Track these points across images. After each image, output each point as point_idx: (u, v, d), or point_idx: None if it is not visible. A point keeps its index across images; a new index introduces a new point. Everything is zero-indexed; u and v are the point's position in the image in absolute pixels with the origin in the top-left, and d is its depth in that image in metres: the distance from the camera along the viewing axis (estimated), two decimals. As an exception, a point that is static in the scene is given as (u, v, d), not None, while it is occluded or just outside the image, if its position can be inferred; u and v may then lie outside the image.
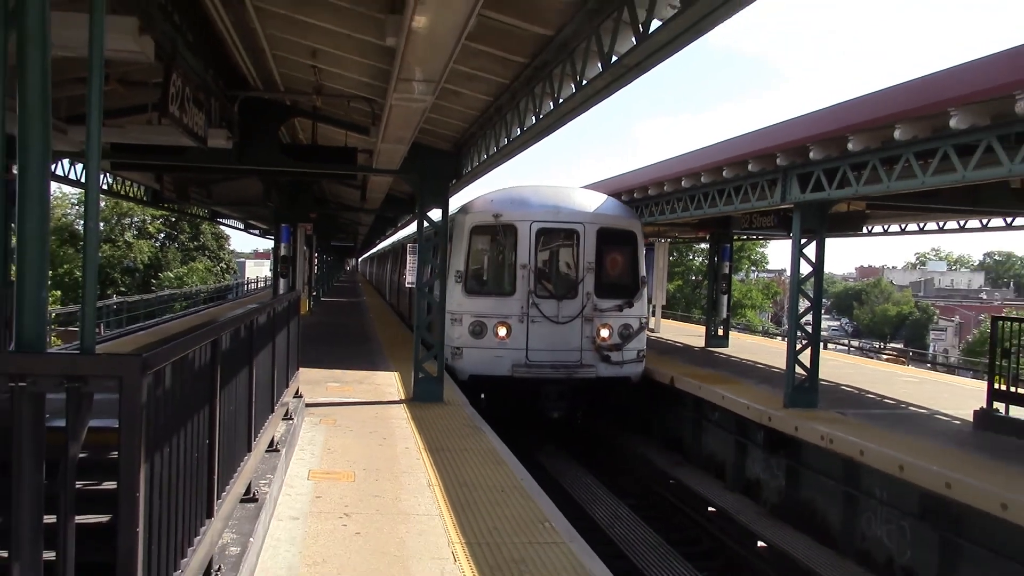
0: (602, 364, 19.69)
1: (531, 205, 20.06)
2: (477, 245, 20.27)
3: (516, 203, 20.15)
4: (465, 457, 11.52)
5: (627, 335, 20.01)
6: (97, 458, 5.57)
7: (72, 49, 6.56)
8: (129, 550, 3.70)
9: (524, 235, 19.69)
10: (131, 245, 68.11)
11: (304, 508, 8.92)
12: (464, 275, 19.73)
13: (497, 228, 19.88)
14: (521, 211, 19.87)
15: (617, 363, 19.80)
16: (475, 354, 19.37)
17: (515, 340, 19.40)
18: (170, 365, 4.30)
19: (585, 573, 7.40)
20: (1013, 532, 10.25)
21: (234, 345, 6.47)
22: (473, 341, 19.36)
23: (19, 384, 3.60)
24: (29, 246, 4.05)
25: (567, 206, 20.21)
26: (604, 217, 20.31)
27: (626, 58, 9.10)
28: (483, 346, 19.38)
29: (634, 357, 20.16)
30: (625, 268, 20.54)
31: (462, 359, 19.36)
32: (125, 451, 3.69)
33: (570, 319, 19.60)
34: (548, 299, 19.64)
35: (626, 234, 20.51)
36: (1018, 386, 14.67)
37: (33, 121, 4.12)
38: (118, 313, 34.34)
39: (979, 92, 11.06)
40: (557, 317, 19.55)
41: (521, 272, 19.59)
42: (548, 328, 19.50)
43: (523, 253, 19.66)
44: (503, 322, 19.40)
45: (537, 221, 19.79)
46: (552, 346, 19.49)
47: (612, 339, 19.89)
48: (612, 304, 19.95)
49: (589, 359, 19.67)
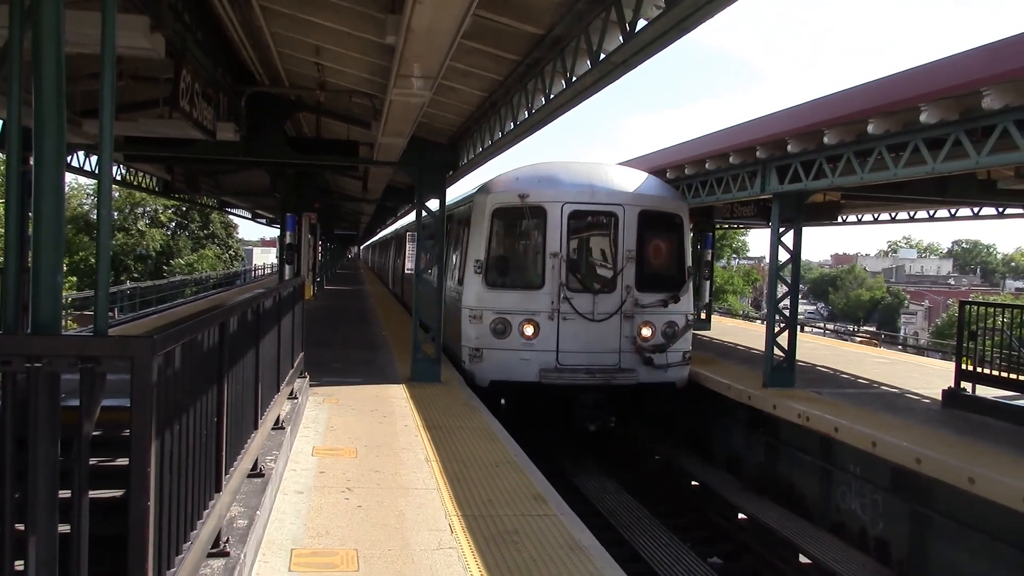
0: (644, 368, 16.61)
1: (562, 184, 16.90)
2: (500, 230, 17.15)
3: (545, 181, 16.96)
4: (461, 434, 11.52)
5: (672, 334, 16.92)
6: (110, 435, 5.57)
7: (86, 46, 6.53)
8: (140, 523, 3.69)
9: (555, 218, 16.59)
10: (144, 233, 67.84)
11: (308, 483, 8.92)
12: (485, 265, 16.75)
13: (523, 210, 16.59)
14: (551, 191, 16.72)
15: (661, 366, 16.69)
16: (497, 357, 16.39)
17: (544, 340, 16.37)
18: (180, 347, 4.29)
19: (575, 543, 7.41)
20: (979, 505, 10.28)
21: (241, 328, 6.46)
22: (495, 342, 16.40)
23: (35, 364, 3.60)
24: (45, 233, 4.04)
25: (603, 185, 17.00)
26: (646, 198, 17.14)
27: (614, 55, 9.11)
28: (507, 347, 16.39)
29: (679, 360, 16.98)
30: (670, 257, 17.55)
31: (482, 362, 16.45)
32: (136, 429, 3.68)
33: (607, 316, 16.54)
34: (582, 293, 16.57)
35: (671, 218, 17.40)
36: (984, 367, 14.73)
37: (48, 114, 4.10)
38: (131, 298, 34.27)
39: (948, 88, 11.06)
40: (592, 314, 16.48)
41: (551, 262, 16.51)
42: (582, 326, 16.47)
43: (553, 240, 16.55)
44: (530, 320, 16.37)
45: (570, 202, 16.67)
46: (587, 347, 16.50)
47: (655, 339, 16.84)
48: (655, 299, 16.84)
49: (629, 362, 16.63)
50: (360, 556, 6.87)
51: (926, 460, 11.20)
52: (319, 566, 6.63)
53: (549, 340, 16.41)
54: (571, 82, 10.53)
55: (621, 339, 16.61)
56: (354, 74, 12.72)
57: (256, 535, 6.59)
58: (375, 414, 12.64)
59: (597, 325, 16.50)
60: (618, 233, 16.78)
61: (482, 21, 9.84)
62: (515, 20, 10.13)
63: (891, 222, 25.26)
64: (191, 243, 73.95)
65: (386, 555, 6.92)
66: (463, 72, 12.26)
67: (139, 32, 7.78)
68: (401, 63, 9.21)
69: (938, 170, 12.07)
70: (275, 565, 6.58)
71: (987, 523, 10.31)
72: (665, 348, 16.75)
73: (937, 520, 11.23)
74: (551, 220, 16.59)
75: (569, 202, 16.67)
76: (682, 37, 8.24)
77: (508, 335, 16.40)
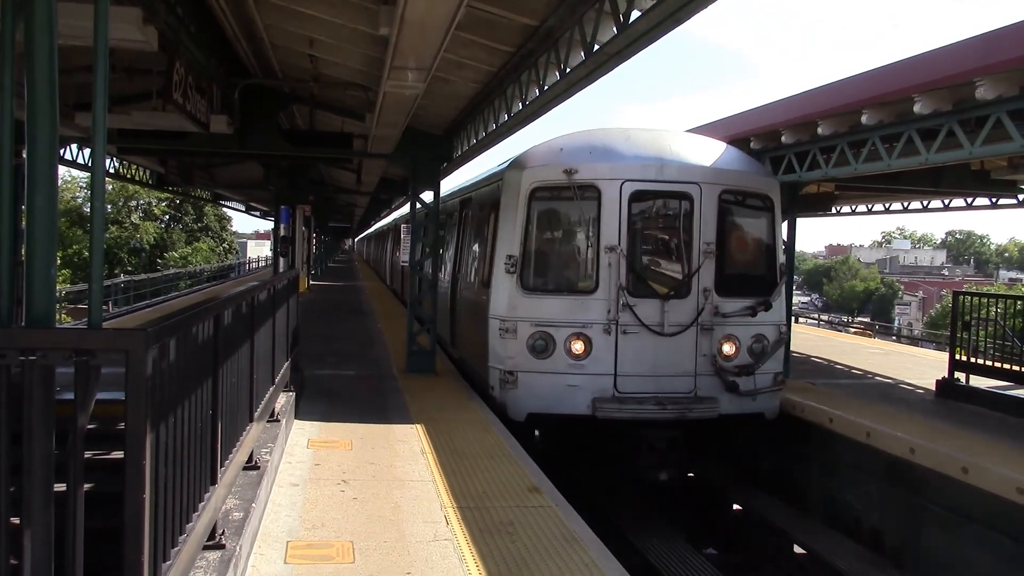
0: (726, 395, 13.02)
1: (622, 156, 13.20)
2: (539, 217, 13.42)
3: (599, 153, 13.28)
4: (456, 426, 11.52)
5: (761, 351, 13.38)
6: (105, 429, 5.56)
7: (78, 38, 6.50)
8: (136, 516, 3.69)
9: (612, 201, 12.91)
10: (137, 226, 67.82)
11: (304, 475, 8.92)
12: (520, 262, 13.07)
13: (570, 191, 12.89)
14: (607, 165, 13.04)
15: (747, 393, 13.17)
16: (537, 382, 12.77)
17: (598, 361, 12.78)
18: (174, 339, 4.28)
19: (570, 534, 7.42)
20: (973, 494, 10.32)
21: (236, 320, 6.45)
22: (534, 362, 12.80)
23: (30, 358, 3.59)
24: (38, 226, 4.03)
25: (675, 158, 13.25)
26: (728, 174, 13.50)
27: (607, 47, 9.11)
28: (549, 370, 12.77)
29: (770, 383, 13.44)
30: (758, 251, 14.08)
31: (516, 389, 12.77)
32: (131, 422, 3.68)
33: (680, 329, 12.89)
34: (647, 299, 12.92)
35: (760, 200, 13.83)
36: (978, 357, 14.77)
37: (41, 107, 4.09)
38: (125, 291, 34.22)
39: (942, 79, 11.08)
40: (661, 326, 12.83)
41: (607, 258, 12.85)
42: (647, 342, 12.83)
43: (610, 229, 12.90)
44: (579, 334, 12.77)
45: (632, 180, 12.96)
46: (654, 369, 12.87)
47: (739, 357, 13.27)
48: (740, 305, 13.23)
49: (707, 388, 13.03)
50: (356, 548, 6.87)
51: (920, 450, 11.23)
52: (315, 558, 6.64)
53: (605, 360, 12.81)
54: (565, 73, 10.53)
55: (697, 358, 13.04)
56: (348, 66, 12.69)
57: (252, 527, 6.59)
58: (370, 406, 12.65)
59: (667, 340, 12.89)
60: (693, 220, 13.11)
61: (476, 12, 9.82)
62: (509, 11, 10.12)
63: (885, 213, 25.28)
64: (185, 236, 73.93)
65: (382, 547, 6.92)
66: (457, 64, 12.24)
67: (132, 24, 7.76)
68: (395, 55, 9.19)
69: (932, 161, 12.11)
70: (271, 557, 6.59)
71: (980, 512, 10.35)
72: (753, 369, 13.25)
73: (931, 510, 11.26)
74: (607, 203, 12.94)
75: (631, 180, 12.98)
76: (676, 28, 8.24)
77: (551, 354, 12.81)
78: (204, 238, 75.60)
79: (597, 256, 12.95)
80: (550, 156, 13.41)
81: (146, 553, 3.75)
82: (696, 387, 13.00)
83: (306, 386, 13.15)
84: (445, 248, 19.24)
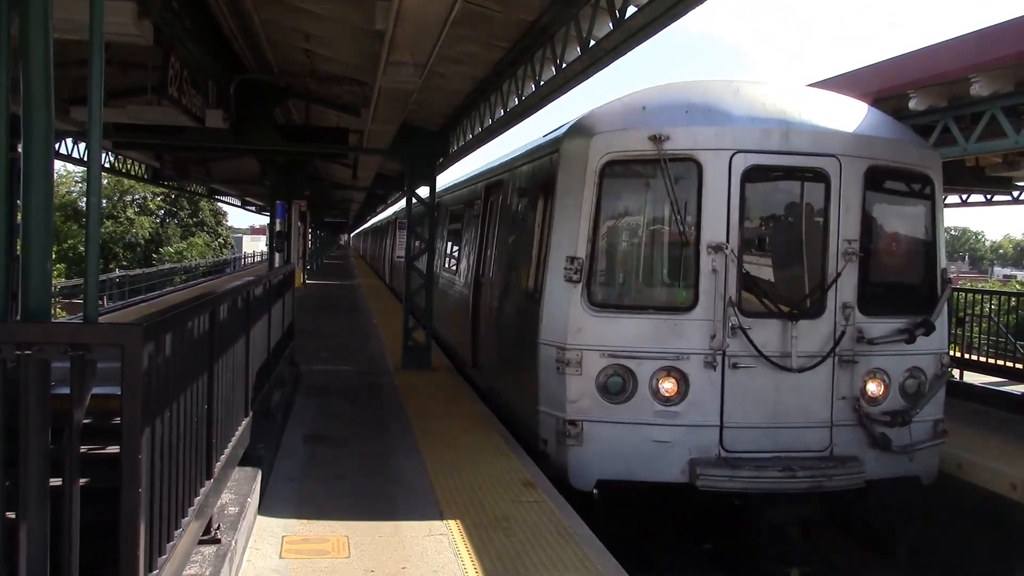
0: (872, 453, 9.37)
1: (732, 117, 9.46)
2: (615, 203, 9.76)
3: (700, 112, 9.57)
4: (451, 421, 11.53)
5: (916, 391, 9.73)
6: (100, 423, 5.55)
7: (73, 32, 6.49)
8: (131, 511, 3.70)
9: (718, 180, 9.25)
10: (133, 221, 67.69)
11: (299, 470, 8.93)
12: (587, 267, 9.43)
13: (659, 165, 9.22)
14: (713, 129, 9.35)
15: (901, 450, 9.47)
16: (611, 436, 9.14)
17: (697, 406, 9.15)
18: (170, 334, 4.29)
19: (565, 529, 7.43)
20: (969, 491, 10.32)
21: (231, 315, 6.45)
22: (606, 408, 9.17)
23: (25, 352, 3.59)
24: (34, 220, 4.02)
25: (804, 121, 9.48)
26: (877, 144, 9.72)
27: (603, 42, 9.09)
28: (628, 419, 9.16)
29: (928, 435, 9.77)
30: (914, 252, 10.45)
31: (581, 446, 9.18)
32: (127, 416, 3.68)
33: (813, 361, 9.22)
34: (767, 319, 9.26)
35: (918, 181, 10.12)
36: (972, 353, 14.80)
37: (37, 101, 4.08)
38: (120, 286, 34.21)
39: (937, 75, 11.10)
40: (787, 358, 9.17)
41: (711, 260, 9.19)
42: (767, 380, 9.19)
43: (715, 220, 9.26)
44: (671, 368, 9.15)
45: (746, 151, 9.28)
46: (774, 418, 9.22)
47: (889, 400, 9.57)
48: (892, 328, 9.55)
49: (848, 443, 9.35)
50: (351, 542, 6.88)
51: None
52: (310, 552, 6.65)
53: (707, 405, 9.12)
54: (561, 69, 10.52)
55: (834, 402, 9.33)
56: (344, 61, 12.67)
57: (247, 522, 6.60)
58: (366, 402, 12.69)
59: (793, 377, 9.14)
60: (830, 208, 9.42)
61: (472, 7, 9.79)
62: (505, 6, 10.11)
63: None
64: (180, 231, 73.84)
65: (377, 541, 6.93)
66: (453, 59, 12.22)
67: (127, 18, 7.74)
68: (391, 50, 9.18)
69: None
70: (266, 552, 6.60)
71: (977, 509, 10.37)
72: (910, 416, 9.48)
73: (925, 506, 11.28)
74: (711, 182, 9.22)
75: (745, 150, 9.25)
76: (673, 23, 8.24)
77: (631, 396, 9.14)
78: (199, 233, 75.52)
79: (696, 258, 9.19)
80: (629, 117, 9.64)
81: (141, 547, 3.76)
82: (832, 443, 9.27)
83: (302, 381, 13.15)
84: (461, 245, 16.99)
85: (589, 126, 9.87)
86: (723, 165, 9.18)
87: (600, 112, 10.14)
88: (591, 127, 9.80)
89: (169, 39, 9.47)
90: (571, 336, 9.23)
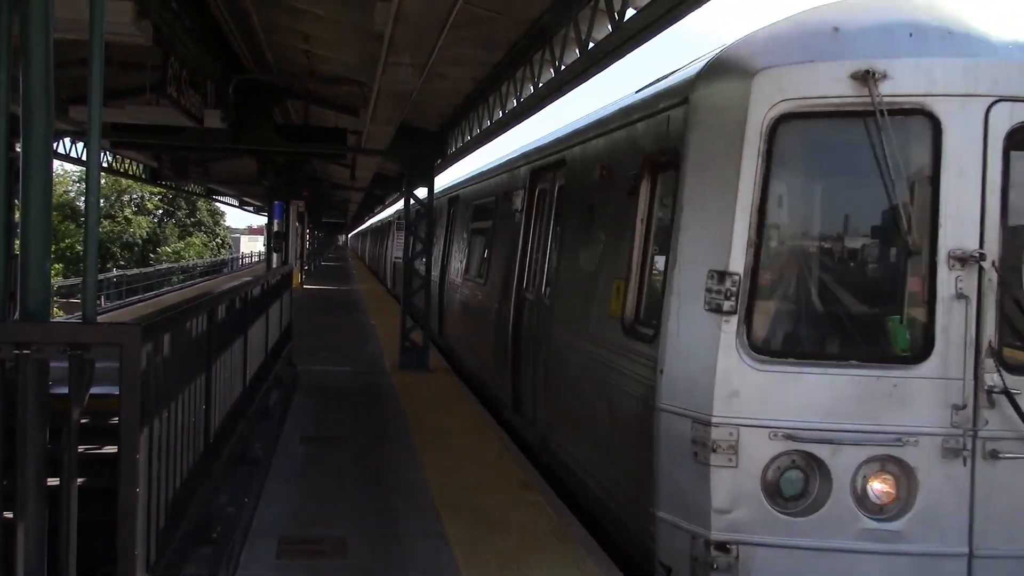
0: None
1: (988, 44, 5.68)
2: (790, 181, 6.06)
3: (932, 36, 5.70)
4: (449, 423, 11.52)
5: None
6: (99, 423, 5.57)
7: (73, 32, 6.50)
8: (129, 510, 3.70)
9: (967, 145, 5.55)
10: (130, 221, 67.69)
11: (297, 470, 8.92)
12: (745, 288, 5.66)
13: (863, 120, 5.58)
14: (960, 61, 5.59)
15: None
16: (785, 567, 5.58)
17: (929, 522, 5.53)
18: (168, 334, 4.30)
19: (562, 531, 7.43)
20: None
21: (229, 316, 6.46)
22: (779, 521, 5.57)
23: (24, 352, 3.59)
24: (33, 219, 4.03)
25: None
26: None
27: (602, 44, 9.08)
28: (813, 541, 5.56)
29: None
30: None
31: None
32: (125, 416, 3.69)
33: None
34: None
35: None
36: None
37: (37, 101, 4.08)
38: (118, 286, 34.24)
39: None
40: None
41: (953, 278, 5.51)
42: None
43: (961, 211, 5.56)
44: (887, 458, 5.55)
45: (1013, 98, 5.52)
46: None
47: None
48: None
49: None
50: (348, 543, 6.88)
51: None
52: (307, 554, 6.65)
53: (947, 519, 5.57)
54: (559, 70, 10.52)
55: None
56: (343, 61, 12.67)
57: (245, 522, 6.60)
58: (363, 403, 12.67)
59: None
60: None
61: (471, 9, 9.79)
62: (504, 8, 10.10)
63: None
64: (178, 231, 73.81)
65: (373, 542, 6.94)
66: (452, 60, 12.22)
67: (127, 18, 7.75)
68: (390, 50, 9.19)
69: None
70: (263, 552, 6.59)
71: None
72: None
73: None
74: (956, 150, 5.60)
75: (1012, 97, 5.58)
76: (672, 25, 8.23)
77: (819, 504, 5.60)
78: (197, 233, 75.49)
79: (932, 276, 5.63)
80: (813, 44, 5.88)
81: (139, 547, 3.77)
82: None
83: (300, 381, 13.15)
84: (491, 249, 13.72)
85: (745, 59, 6.04)
86: (976, 122, 5.57)
87: (761, 37, 6.25)
88: (749, 60, 5.97)
89: (168, 39, 9.47)
90: (720, 403, 5.63)
